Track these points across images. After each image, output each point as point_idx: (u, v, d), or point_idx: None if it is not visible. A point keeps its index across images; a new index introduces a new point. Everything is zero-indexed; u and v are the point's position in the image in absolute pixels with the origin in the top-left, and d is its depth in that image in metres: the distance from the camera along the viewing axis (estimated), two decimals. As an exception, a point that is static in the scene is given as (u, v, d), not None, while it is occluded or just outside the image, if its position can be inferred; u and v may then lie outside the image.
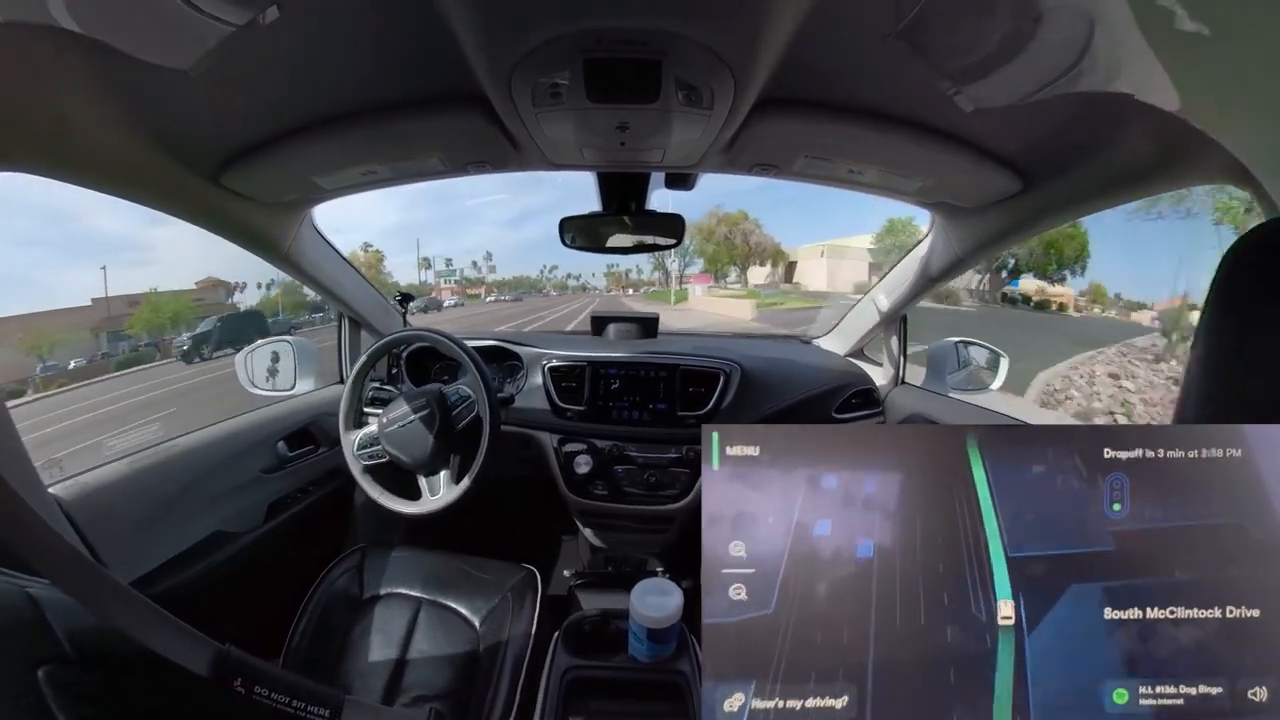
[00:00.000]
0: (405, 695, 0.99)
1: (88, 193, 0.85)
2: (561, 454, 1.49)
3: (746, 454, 0.33)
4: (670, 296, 31.93)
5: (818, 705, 0.29)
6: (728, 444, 0.33)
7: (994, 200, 1.05)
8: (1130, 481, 0.32)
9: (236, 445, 1.27)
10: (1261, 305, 0.38)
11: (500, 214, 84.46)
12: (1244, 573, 0.31)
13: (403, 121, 0.90)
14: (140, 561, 1.01)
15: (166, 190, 0.95)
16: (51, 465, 3.00)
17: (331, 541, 1.54)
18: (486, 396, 1.22)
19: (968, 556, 0.32)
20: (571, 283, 44.77)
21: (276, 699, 0.47)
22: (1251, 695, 0.29)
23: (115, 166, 0.84)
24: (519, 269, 53.16)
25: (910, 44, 0.66)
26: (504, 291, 41.64)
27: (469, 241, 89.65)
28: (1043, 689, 0.30)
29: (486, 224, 79.90)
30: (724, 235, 31.52)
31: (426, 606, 1.15)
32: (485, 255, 48.58)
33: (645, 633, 0.99)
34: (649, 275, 39.60)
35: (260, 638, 0.80)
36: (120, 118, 0.77)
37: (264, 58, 0.71)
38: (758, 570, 0.31)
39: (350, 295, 1.58)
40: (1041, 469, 0.33)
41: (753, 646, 0.30)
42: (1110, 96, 0.66)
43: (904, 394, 1.60)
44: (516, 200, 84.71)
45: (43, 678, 0.33)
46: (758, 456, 0.33)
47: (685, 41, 0.65)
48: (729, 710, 0.29)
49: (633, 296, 36.76)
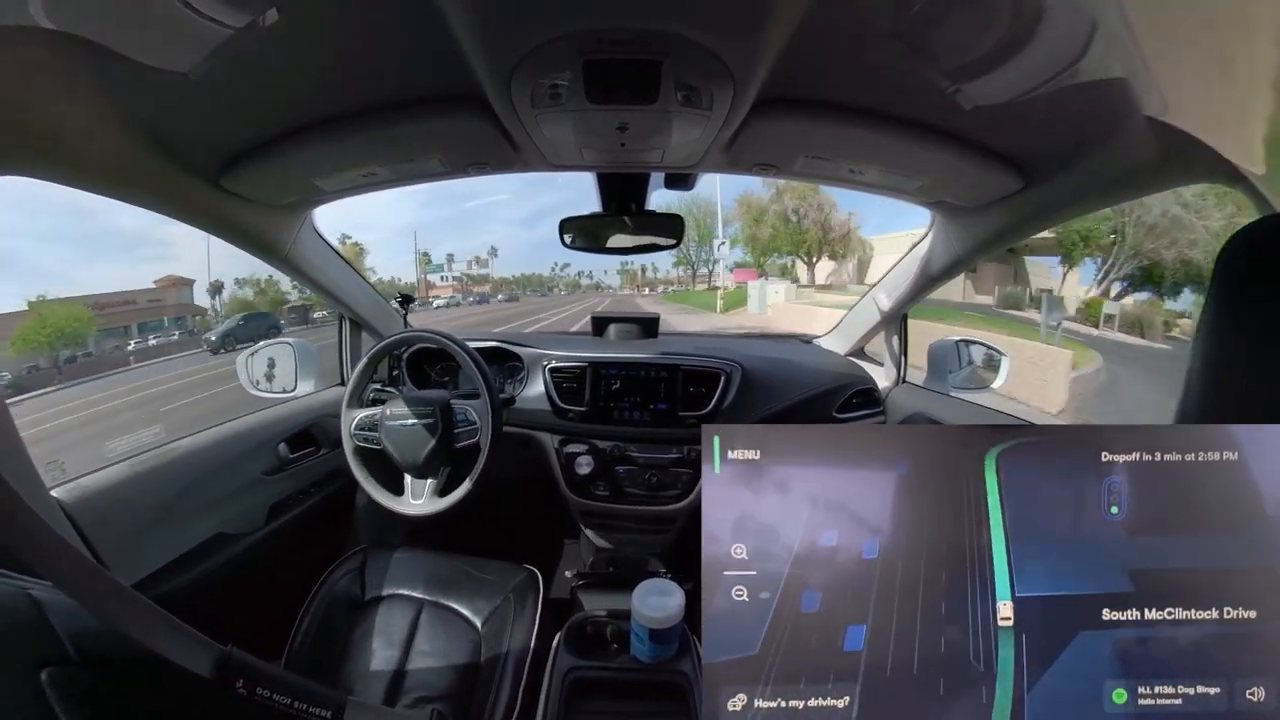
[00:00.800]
0: (407, 696, 0.99)
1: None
2: (563, 454, 1.49)
3: (748, 457, 0.32)
4: (703, 298, 25.39)
5: (820, 705, 0.29)
6: (729, 448, 0.33)
7: (994, 199, 1.05)
8: (1127, 484, 0.32)
9: (238, 447, 1.27)
10: (1259, 302, 0.38)
11: (512, 213, 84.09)
12: (1241, 574, 0.31)
13: (402, 123, 0.90)
14: (142, 563, 1.01)
15: (166, 193, 0.95)
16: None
17: (333, 543, 1.54)
18: (489, 398, 1.23)
19: (970, 558, 0.32)
20: (585, 281, 43.04)
21: (278, 700, 0.47)
22: (1249, 696, 0.29)
23: (115, 169, 0.84)
24: (532, 267, 51.65)
25: (909, 43, 0.66)
26: (506, 290, 39.88)
27: (480, 240, 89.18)
28: (1042, 689, 0.30)
29: (499, 223, 79.72)
30: (789, 213, 22.93)
31: (428, 608, 1.15)
32: (490, 250, 46.43)
33: (647, 633, 0.99)
34: (665, 273, 35.20)
35: (262, 639, 0.80)
36: (120, 120, 0.77)
37: (263, 60, 0.71)
38: (759, 572, 0.31)
39: (351, 297, 1.58)
40: (1044, 470, 0.33)
41: (755, 646, 0.30)
42: (1110, 94, 0.66)
43: (905, 393, 1.60)
44: (528, 200, 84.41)
45: (45, 680, 0.33)
46: (758, 460, 0.33)
47: (685, 42, 0.65)
48: (732, 710, 0.29)
49: (649, 297, 32.61)
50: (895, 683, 0.30)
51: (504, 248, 76.49)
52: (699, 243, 29.35)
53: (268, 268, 1.34)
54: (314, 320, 18.91)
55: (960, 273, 1.37)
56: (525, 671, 1.01)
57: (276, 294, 22.31)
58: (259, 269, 20.46)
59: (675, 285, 34.17)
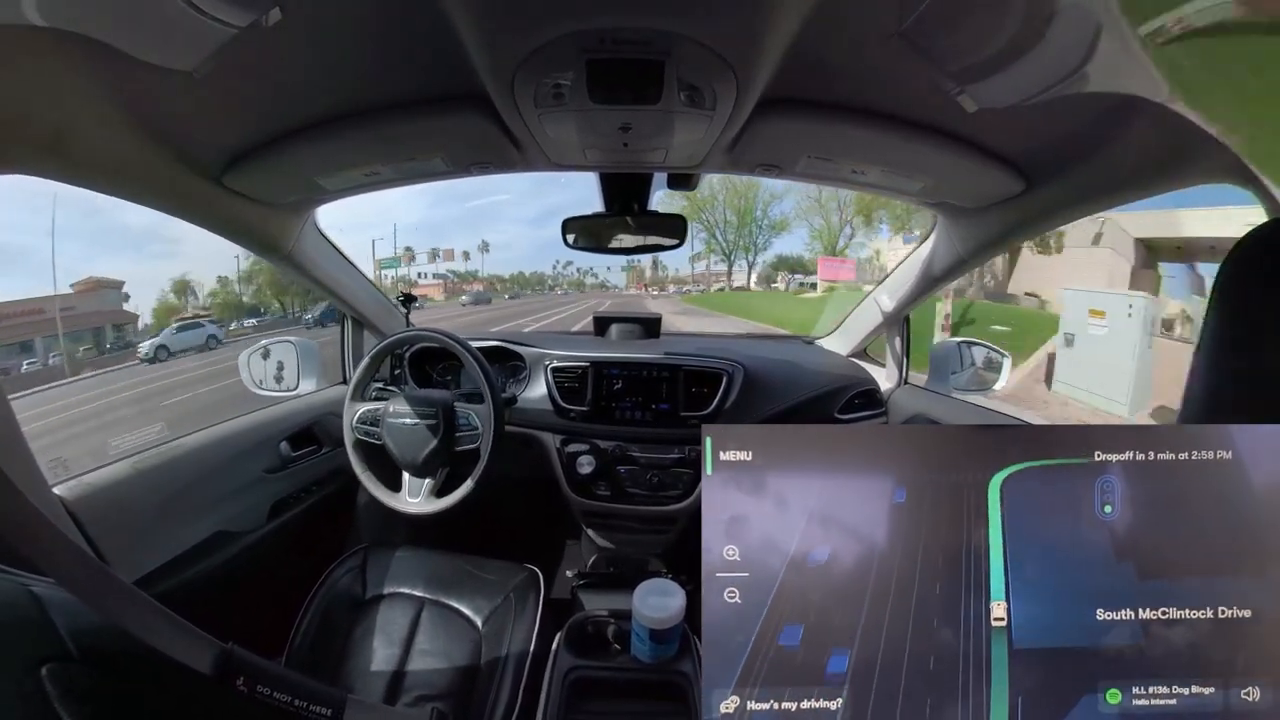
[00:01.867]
0: (407, 695, 0.99)
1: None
2: (564, 454, 1.49)
3: (739, 459, 0.32)
4: (762, 307, 15.94)
5: (812, 706, 0.29)
6: (721, 449, 0.33)
7: (997, 200, 1.05)
8: (1121, 483, 0.32)
9: (240, 445, 1.27)
10: (1265, 305, 0.38)
11: (519, 211, 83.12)
12: (1235, 573, 0.30)
13: (405, 122, 0.90)
14: (144, 561, 1.01)
15: (169, 191, 0.95)
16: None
17: (334, 541, 1.55)
18: (492, 399, 1.23)
19: (965, 559, 0.32)
20: (590, 280, 39.31)
21: (279, 698, 0.47)
22: (1245, 695, 0.29)
23: (118, 168, 0.84)
24: (534, 265, 49.32)
25: (913, 44, 0.66)
26: (508, 290, 37.24)
27: (488, 239, 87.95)
28: (1036, 689, 0.30)
29: (508, 221, 78.82)
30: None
31: (429, 606, 1.15)
32: (480, 245, 43.11)
33: (648, 633, 0.99)
34: (676, 271, 29.51)
35: (263, 637, 0.80)
36: (123, 119, 0.77)
37: (267, 59, 0.71)
38: (752, 574, 0.31)
39: (353, 296, 1.58)
40: (1040, 471, 0.33)
41: (747, 649, 0.30)
42: (1113, 96, 0.66)
43: (907, 394, 1.60)
44: (536, 199, 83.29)
45: (46, 676, 0.33)
46: (750, 461, 0.32)
47: (688, 42, 0.65)
48: (725, 711, 0.29)
49: (659, 298, 27.50)
50: (888, 683, 0.30)
51: (512, 245, 74.90)
52: (739, 226, 24.45)
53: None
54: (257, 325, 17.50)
55: (963, 274, 1.37)
56: (526, 671, 1.01)
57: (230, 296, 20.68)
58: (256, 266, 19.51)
59: (690, 285, 29.30)
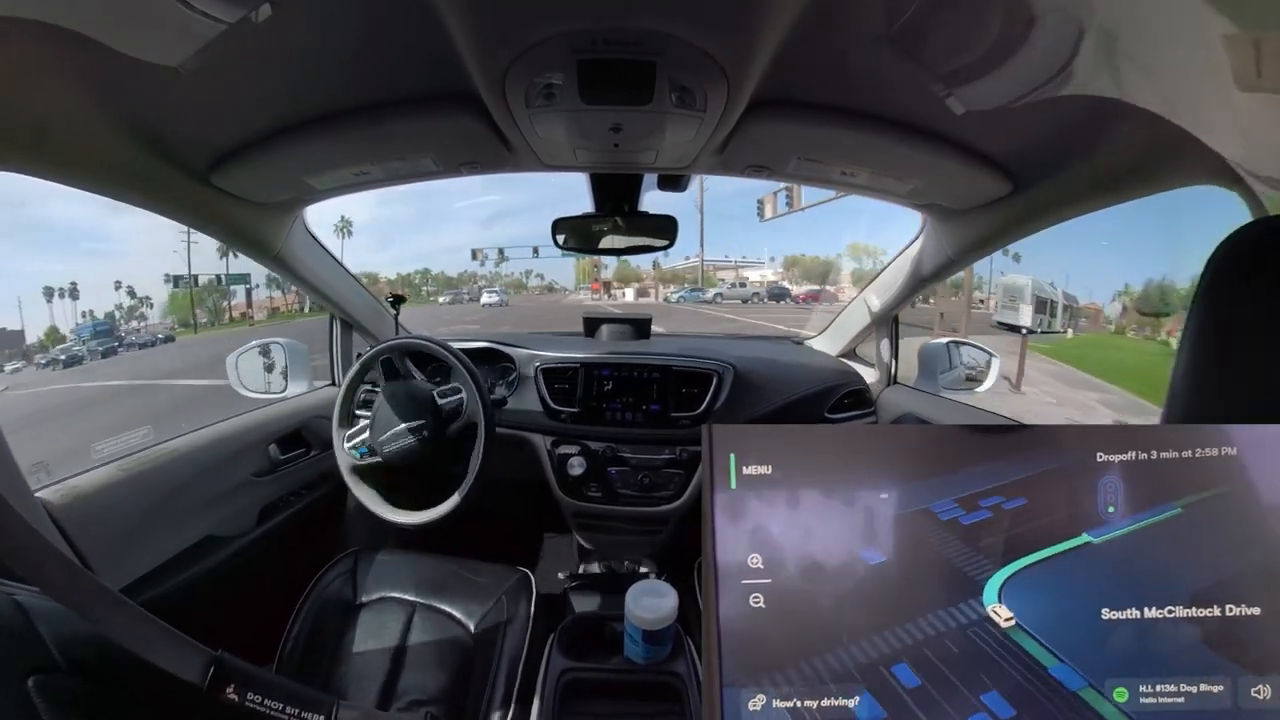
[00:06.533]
0: (400, 700, 0.99)
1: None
2: (555, 456, 1.49)
3: (761, 473, 0.33)
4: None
5: (832, 704, 0.30)
6: (744, 464, 0.33)
7: (984, 202, 1.06)
8: (1123, 483, 0.32)
9: (228, 448, 1.25)
10: (1249, 306, 0.39)
11: (476, 213, 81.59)
12: (1243, 571, 0.31)
13: (395, 122, 0.89)
14: (130, 567, 1.00)
15: (156, 189, 0.94)
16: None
17: (324, 545, 1.53)
18: (480, 402, 1.22)
19: (976, 559, 0.32)
20: (534, 281, 34.89)
21: (270, 705, 0.46)
22: (1255, 693, 0.29)
23: (103, 165, 0.83)
24: (462, 266, 41.71)
25: (902, 47, 0.67)
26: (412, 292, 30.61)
27: (450, 239, 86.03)
28: (1044, 689, 0.30)
29: (464, 221, 77.34)
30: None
31: (420, 610, 1.14)
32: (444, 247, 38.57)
33: (640, 634, 0.99)
34: (637, 266, 28.16)
35: (253, 643, 0.79)
36: (109, 115, 0.76)
37: (256, 56, 0.70)
38: (774, 580, 0.32)
39: (342, 297, 1.57)
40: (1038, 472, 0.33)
41: (772, 651, 0.31)
42: (1099, 99, 0.67)
43: (896, 394, 1.61)
44: (484, 196, 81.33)
45: (33, 687, 0.33)
46: (770, 475, 0.33)
47: (679, 43, 0.66)
48: (753, 709, 0.30)
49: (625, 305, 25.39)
50: (904, 683, 0.30)
51: (464, 247, 69.06)
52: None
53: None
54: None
55: (951, 275, 1.39)
56: (519, 673, 1.01)
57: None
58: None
59: (688, 285, 26.94)
